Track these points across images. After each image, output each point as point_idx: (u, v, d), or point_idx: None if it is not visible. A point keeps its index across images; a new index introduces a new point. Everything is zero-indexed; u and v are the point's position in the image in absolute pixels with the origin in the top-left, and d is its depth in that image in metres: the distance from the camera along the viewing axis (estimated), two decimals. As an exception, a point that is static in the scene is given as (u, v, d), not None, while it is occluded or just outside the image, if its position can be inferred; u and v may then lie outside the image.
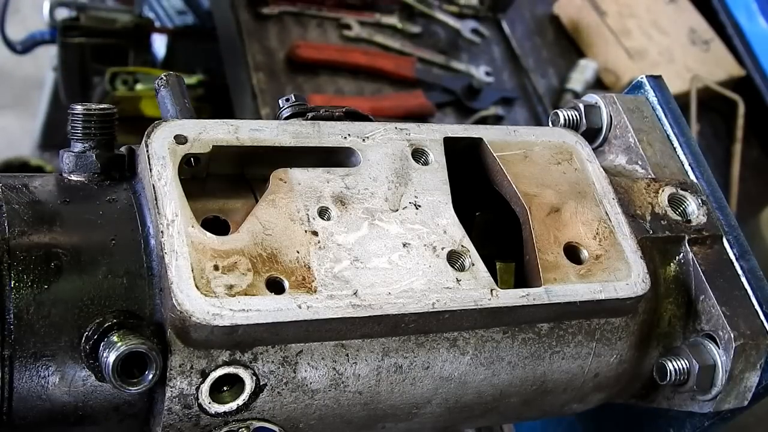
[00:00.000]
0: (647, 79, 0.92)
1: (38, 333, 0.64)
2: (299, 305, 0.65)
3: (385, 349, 0.72)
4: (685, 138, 0.90)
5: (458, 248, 0.73)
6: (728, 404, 0.81)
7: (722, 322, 0.79)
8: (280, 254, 0.67)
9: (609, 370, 0.82)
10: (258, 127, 0.73)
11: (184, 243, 0.65)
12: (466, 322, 0.72)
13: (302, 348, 0.69)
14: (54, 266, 0.65)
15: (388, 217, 0.72)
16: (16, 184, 0.69)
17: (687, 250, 0.83)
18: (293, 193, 0.71)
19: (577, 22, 2.24)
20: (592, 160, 0.82)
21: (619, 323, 0.80)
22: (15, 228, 0.66)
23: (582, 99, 0.91)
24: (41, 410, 0.65)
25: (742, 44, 2.28)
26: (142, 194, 0.70)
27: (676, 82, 2.10)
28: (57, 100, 2.68)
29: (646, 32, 2.22)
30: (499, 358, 0.76)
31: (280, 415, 0.71)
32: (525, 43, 2.22)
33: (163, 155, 0.68)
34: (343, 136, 0.75)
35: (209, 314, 0.63)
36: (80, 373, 0.65)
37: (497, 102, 2.06)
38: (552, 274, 0.74)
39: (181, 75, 0.80)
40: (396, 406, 0.75)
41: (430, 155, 0.76)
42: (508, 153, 0.80)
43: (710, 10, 2.33)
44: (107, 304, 0.66)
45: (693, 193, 0.86)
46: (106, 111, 0.73)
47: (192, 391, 0.66)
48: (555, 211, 0.78)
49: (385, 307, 0.68)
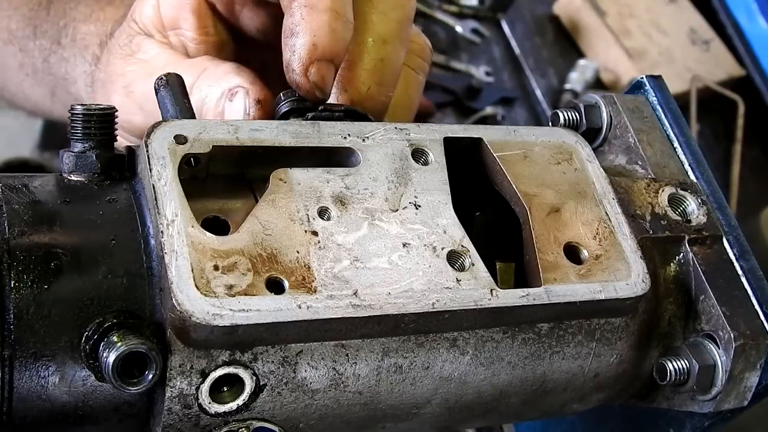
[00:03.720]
0: (647, 79, 0.92)
1: (38, 333, 0.64)
2: (299, 305, 0.65)
3: (385, 349, 0.72)
4: (685, 138, 0.90)
5: (458, 248, 0.73)
6: (728, 404, 0.81)
7: (722, 322, 0.79)
8: (280, 254, 0.67)
9: (609, 370, 0.82)
10: (258, 127, 0.73)
11: (184, 243, 0.65)
12: (466, 322, 0.72)
13: (302, 348, 0.69)
14: (54, 266, 0.65)
15: (388, 217, 0.72)
16: (16, 184, 0.69)
17: (687, 250, 0.83)
18: (293, 193, 0.71)
19: (577, 22, 2.24)
20: (592, 160, 0.82)
21: (619, 323, 0.80)
22: (15, 228, 0.66)
23: (582, 99, 0.91)
24: (41, 410, 0.65)
25: (742, 44, 2.28)
26: (142, 194, 0.70)
27: (676, 82, 2.10)
28: (57, 100, 2.67)
29: (646, 32, 2.21)
30: (499, 358, 0.76)
31: (280, 415, 0.71)
32: (525, 43, 2.22)
33: (163, 155, 0.68)
34: (343, 136, 0.75)
35: (209, 314, 0.63)
36: (80, 373, 0.65)
37: (497, 102, 2.06)
38: (552, 274, 0.74)
39: (180, 75, 0.80)
40: (396, 406, 0.75)
41: (430, 155, 0.76)
42: (508, 153, 0.80)
43: (710, 10, 2.33)
44: (107, 304, 0.66)
45: (693, 193, 0.86)
46: (106, 111, 0.73)
47: (192, 391, 0.66)
48: (555, 211, 0.78)
49: (385, 307, 0.68)
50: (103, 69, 0.96)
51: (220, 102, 0.84)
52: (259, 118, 0.82)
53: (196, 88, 0.86)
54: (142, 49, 0.93)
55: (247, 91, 0.83)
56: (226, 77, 0.85)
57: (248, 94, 0.83)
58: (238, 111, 0.83)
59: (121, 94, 0.92)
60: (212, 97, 0.85)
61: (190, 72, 0.87)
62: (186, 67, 0.88)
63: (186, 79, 0.85)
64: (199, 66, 0.88)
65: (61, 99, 1.13)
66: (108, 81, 0.94)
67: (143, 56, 0.92)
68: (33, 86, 1.17)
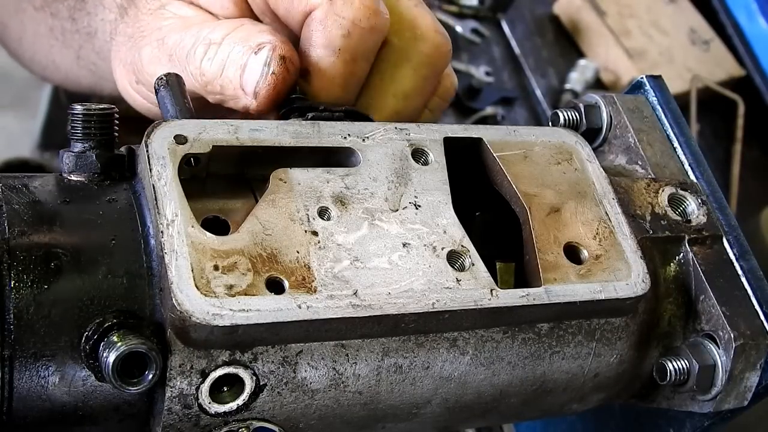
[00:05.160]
0: (647, 79, 0.92)
1: (38, 333, 0.64)
2: (299, 305, 0.65)
3: (385, 349, 0.72)
4: (685, 138, 0.90)
5: (458, 248, 0.73)
6: (728, 404, 0.81)
7: (722, 322, 0.79)
8: (280, 254, 0.67)
9: (609, 370, 0.82)
10: (258, 127, 0.73)
11: (184, 243, 0.65)
12: (466, 322, 0.72)
13: (302, 348, 0.69)
14: (54, 266, 0.65)
15: (388, 217, 0.72)
16: (16, 184, 0.69)
17: (687, 250, 0.83)
18: (293, 193, 0.71)
19: (577, 22, 2.23)
20: (592, 160, 0.82)
21: (619, 323, 0.80)
22: (15, 228, 0.66)
23: (582, 99, 0.91)
24: (41, 410, 0.65)
25: (742, 44, 2.28)
26: (142, 194, 0.70)
27: (676, 82, 2.10)
28: (57, 100, 2.67)
29: (646, 32, 2.21)
30: (499, 358, 0.76)
31: (280, 415, 0.71)
32: (525, 43, 2.22)
33: (163, 155, 0.68)
34: (343, 136, 0.75)
35: (209, 314, 0.63)
36: (80, 373, 0.65)
37: (497, 102, 2.06)
38: (552, 274, 0.74)
39: (180, 75, 0.80)
40: (396, 406, 0.75)
41: (430, 155, 0.76)
42: (508, 153, 0.80)
43: (710, 10, 2.33)
44: (107, 304, 0.66)
45: (693, 193, 0.86)
46: (106, 111, 0.73)
47: (192, 391, 0.66)
48: (555, 211, 0.78)
49: (385, 307, 0.68)
50: (130, 24, 0.95)
51: (245, 55, 0.83)
52: (279, 75, 0.81)
53: (228, 38, 0.84)
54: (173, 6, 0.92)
55: (274, 46, 0.81)
56: (260, 34, 0.83)
57: (274, 49, 0.81)
58: (259, 65, 0.81)
59: (153, 46, 0.91)
60: (238, 51, 0.83)
61: (226, 24, 0.85)
62: (221, 21, 0.87)
63: (221, 30, 0.84)
64: (236, 21, 0.87)
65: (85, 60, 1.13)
66: (138, 35, 0.93)
67: (178, 12, 0.91)
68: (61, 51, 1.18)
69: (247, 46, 0.83)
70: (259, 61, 0.81)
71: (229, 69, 0.83)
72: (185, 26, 0.89)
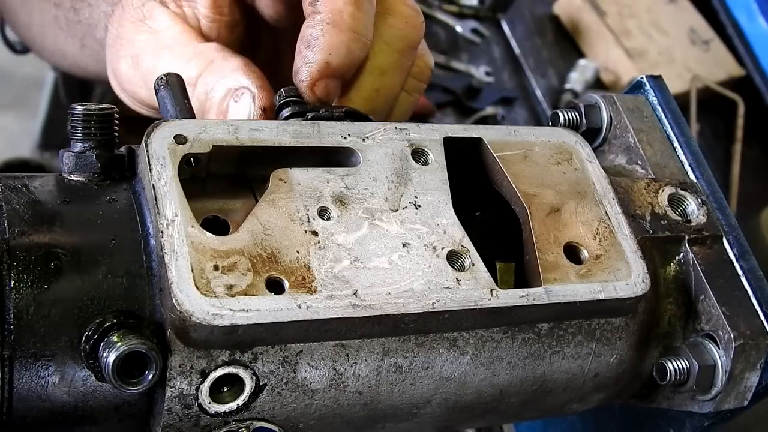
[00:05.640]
0: (647, 79, 0.92)
1: (38, 333, 0.64)
2: (299, 305, 0.65)
3: (385, 349, 0.72)
4: (685, 138, 0.90)
5: (458, 248, 0.73)
6: (728, 404, 0.81)
7: (722, 322, 0.79)
8: (280, 254, 0.67)
9: (609, 370, 0.82)
10: (258, 127, 0.73)
11: (184, 243, 0.65)
12: (466, 322, 0.72)
13: (302, 348, 0.69)
14: (54, 266, 0.65)
15: (388, 217, 0.72)
16: (16, 184, 0.69)
17: (687, 250, 0.83)
18: (293, 193, 0.71)
19: (577, 22, 2.23)
20: (592, 160, 0.82)
21: (619, 323, 0.80)
22: (15, 228, 0.66)
23: (582, 99, 0.91)
24: (41, 410, 0.65)
25: (742, 44, 2.28)
26: (142, 194, 0.70)
27: (676, 82, 2.10)
28: (57, 100, 2.67)
29: (646, 32, 2.21)
30: (499, 358, 0.76)
31: (280, 415, 0.71)
32: (525, 43, 2.22)
33: (163, 155, 0.68)
34: (343, 136, 0.75)
35: (209, 314, 0.63)
36: (80, 373, 0.65)
37: (497, 102, 2.06)
38: (552, 274, 0.74)
39: (180, 74, 0.80)
40: (396, 406, 0.75)
41: (430, 155, 0.76)
42: (508, 153, 0.80)
43: (710, 10, 2.33)
44: (107, 304, 0.66)
45: (693, 193, 0.86)
46: (106, 111, 0.73)
47: (192, 391, 0.66)
48: (555, 211, 0.78)
49: (385, 307, 0.68)
50: (116, 25, 0.96)
51: (225, 100, 0.84)
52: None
53: (202, 80, 0.85)
54: (154, 16, 0.92)
55: (254, 96, 0.82)
56: (233, 74, 0.84)
57: (254, 100, 0.82)
58: (242, 114, 0.83)
59: (128, 64, 0.92)
60: (217, 93, 0.84)
61: (196, 61, 0.86)
62: (193, 55, 0.87)
63: (192, 69, 0.84)
64: (206, 57, 0.87)
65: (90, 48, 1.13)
66: (118, 42, 0.94)
67: (154, 25, 0.91)
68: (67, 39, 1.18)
69: (225, 88, 0.83)
70: (240, 110, 0.82)
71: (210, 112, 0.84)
72: (157, 48, 0.89)
